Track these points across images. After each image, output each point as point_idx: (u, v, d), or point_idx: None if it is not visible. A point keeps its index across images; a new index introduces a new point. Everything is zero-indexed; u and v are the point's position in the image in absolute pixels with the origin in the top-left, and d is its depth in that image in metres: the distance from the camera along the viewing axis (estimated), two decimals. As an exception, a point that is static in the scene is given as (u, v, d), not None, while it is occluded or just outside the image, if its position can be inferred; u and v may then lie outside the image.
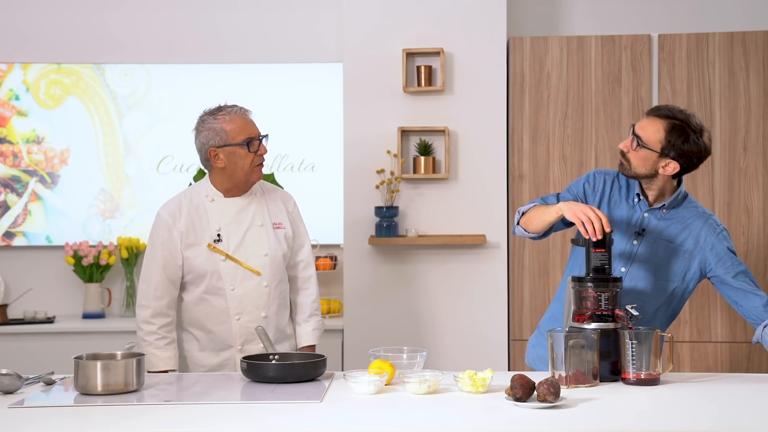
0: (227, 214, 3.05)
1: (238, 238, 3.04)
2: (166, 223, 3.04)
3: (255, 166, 3.02)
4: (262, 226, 3.08)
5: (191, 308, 3.05)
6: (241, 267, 3.02)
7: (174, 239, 3.01)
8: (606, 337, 2.61)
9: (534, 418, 2.19)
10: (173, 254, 3.01)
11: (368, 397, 2.44)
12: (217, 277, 3.01)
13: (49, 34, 4.94)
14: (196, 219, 3.04)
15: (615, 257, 2.79)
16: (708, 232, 2.83)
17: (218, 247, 3.01)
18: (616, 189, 2.91)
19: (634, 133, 2.79)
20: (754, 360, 4.29)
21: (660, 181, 2.82)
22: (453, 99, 4.45)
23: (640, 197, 2.86)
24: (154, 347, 2.99)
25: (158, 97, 4.92)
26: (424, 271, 4.47)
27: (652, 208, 2.85)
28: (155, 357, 2.98)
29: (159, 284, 3.01)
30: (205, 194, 3.08)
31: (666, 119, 2.77)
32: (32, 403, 2.39)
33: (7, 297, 4.85)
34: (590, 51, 4.41)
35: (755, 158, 4.33)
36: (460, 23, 4.46)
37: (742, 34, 4.36)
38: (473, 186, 4.45)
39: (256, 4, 4.95)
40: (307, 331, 3.18)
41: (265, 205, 3.12)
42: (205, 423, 2.18)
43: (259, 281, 3.04)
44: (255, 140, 3.00)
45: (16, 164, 4.90)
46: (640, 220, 2.85)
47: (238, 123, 3.00)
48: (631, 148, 2.79)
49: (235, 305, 3.01)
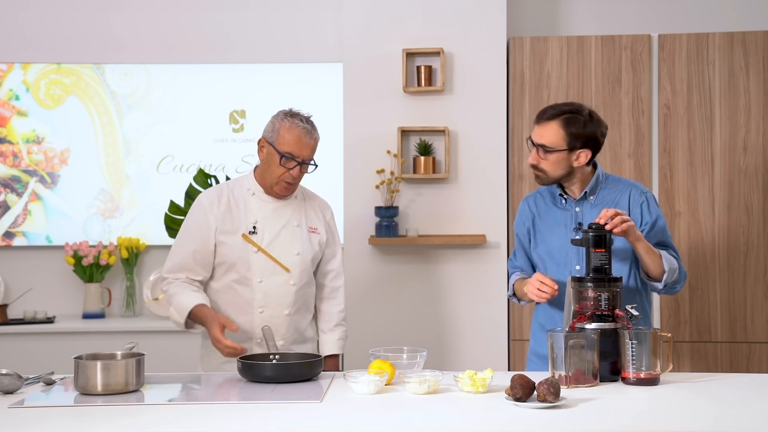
0: (265, 209, 3.08)
1: (272, 234, 3.06)
2: (203, 207, 3.07)
3: (283, 181, 3.03)
4: (298, 226, 3.11)
5: (217, 296, 3.07)
6: (272, 261, 3.04)
7: (209, 224, 3.04)
8: (606, 337, 2.61)
9: (534, 418, 2.20)
10: (206, 240, 3.03)
11: (368, 397, 2.44)
12: (246, 268, 3.03)
13: (49, 34, 4.94)
14: (234, 208, 3.07)
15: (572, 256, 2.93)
16: (635, 199, 2.97)
17: (251, 239, 3.03)
18: (541, 201, 3.08)
19: (536, 144, 2.92)
20: (754, 360, 4.29)
21: (578, 173, 2.96)
22: (453, 99, 4.46)
23: (563, 196, 3.00)
24: (182, 288, 2.99)
25: (158, 97, 4.92)
26: (424, 271, 4.47)
27: (578, 200, 2.98)
28: (185, 296, 2.97)
29: (183, 263, 3.03)
30: (247, 187, 3.11)
31: (556, 118, 2.91)
32: (32, 403, 2.39)
33: (7, 297, 4.85)
34: (590, 51, 4.41)
35: (755, 158, 4.33)
36: (460, 23, 4.46)
37: (742, 34, 4.36)
38: (473, 186, 4.45)
39: (255, 5, 4.94)
40: (332, 340, 3.20)
41: (304, 209, 3.16)
42: (205, 423, 2.19)
43: (287, 278, 3.06)
44: (292, 159, 2.99)
45: (16, 164, 4.90)
46: (573, 216, 2.98)
47: (293, 135, 3.00)
48: (540, 159, 2.93)
49: (260, 298, 3.03)
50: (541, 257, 3.02)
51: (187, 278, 3.04)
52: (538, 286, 2.82)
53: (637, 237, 2.80)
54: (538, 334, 3.03)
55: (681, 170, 4.35)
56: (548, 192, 3.07)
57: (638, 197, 2.98)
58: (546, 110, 2.94)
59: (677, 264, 2.90)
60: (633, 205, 2.96)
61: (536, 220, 3.06)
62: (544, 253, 3.01)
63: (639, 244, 2.82)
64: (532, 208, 3.08)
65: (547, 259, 3.00)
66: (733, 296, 4.32)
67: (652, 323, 4.29)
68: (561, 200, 3.02)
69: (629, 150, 4.35)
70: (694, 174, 4.35)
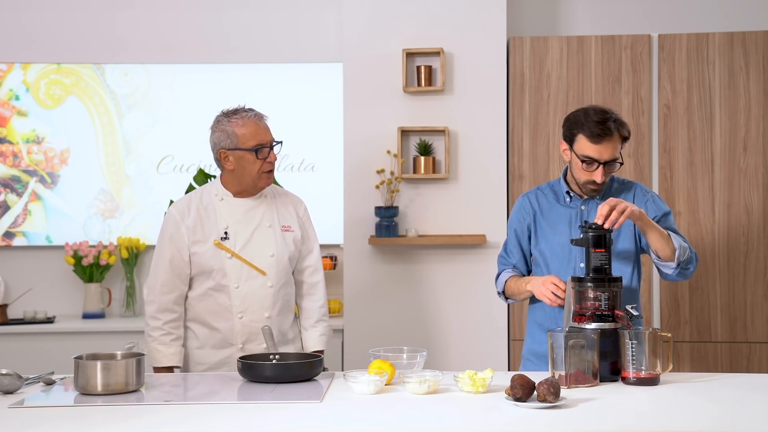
0: (236, 213, 3.07)
1: (245, 238, 3.05)
2: (174, 220, 3.06)
3: (263, 172, 3.03)
4: (270, 227, 3.09)
5: (195, 304, 3.06)
6: (247, 266, 3.03)
7: (182, 235, 3.03)
8: (606, 337, 2.61)
9: (534, 418, 2.20)
10: (180, 250, 3.03)
11: (368, 397, 2.44)
12: (222, 275, 3.02)
13: (49, 34, 4.94)
14: (204, 216, 3.06)
15: (575, 254, 2.93)
16: (639, 198, 2.99)
17: (224, 245, 3.02)
18: (543, 198, 3.07)
19: (605, 162, 2.87)
20: (754, 360, 4.29)
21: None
22: (453, 99, 4.46)
23: (570, 195, 3.00)
24: (159, 342, 3.00)
25: (158, 97, 4.92)
26: (424, 271, 4.47)
27: (586, 200, 2.98)
28: (159, 353, 2.99)
29: (166, 280, 3.03)
30: (215, 193, 3.10)
31: (616, 130, 2.86)
32: (32, 403, 2.39)
33: (7, 297, 4.84)
34: (590, 51, 4.41)
35: (755, 158, 4.33)
36: (460, 23, 4.46)
37: (742, 34, 4.36)
38: (473, 186, 4.45)
39: (255, 5, 4.95)
40: (314, 337, 3.18)
41: (275, 207, 3.13)
42: (205, 423, 2.19)
43: (264, 281, 3.04)
44: (265, 147, 3.00)
45: (16, 164, 4.90)
46: (579, 214, 2.98)
47: (250, 128, 3.00)
48: (609, 174, 2.92)
49: (239, 303, 3.02)
50: (542, 254, 3.02)
51: (167, 324, 3.01)
52: (553, 289, 2.81)
53: (640, 217, 2.77)
54: (536, 333, 3.02)
55: (681, 170, 4.35)
56: (550, 189, 3.07)
57: (642, 196, 3.00)
58: (603, 126, 2.85)
59: (687, 244, 2.89)
60: (638, 203, 2.96)
61: (538, 217, 3.05)
62: (546, 250, 3.01)
63: (645, 225, 2.80)
64: (534, 205, 3.07)
65: (549, 256, 3.00)
66: (733, 296, 4.32)
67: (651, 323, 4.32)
68: (565, 198, 3.02)
69: (629, 150, 4.35)
70: (694, 174, 4.35)
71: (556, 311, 2.94)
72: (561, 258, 2.97)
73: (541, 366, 2.91)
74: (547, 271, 2.98)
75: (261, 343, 3.00)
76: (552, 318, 2.97)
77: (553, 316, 2.97)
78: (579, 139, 2.88)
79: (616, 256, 2.92)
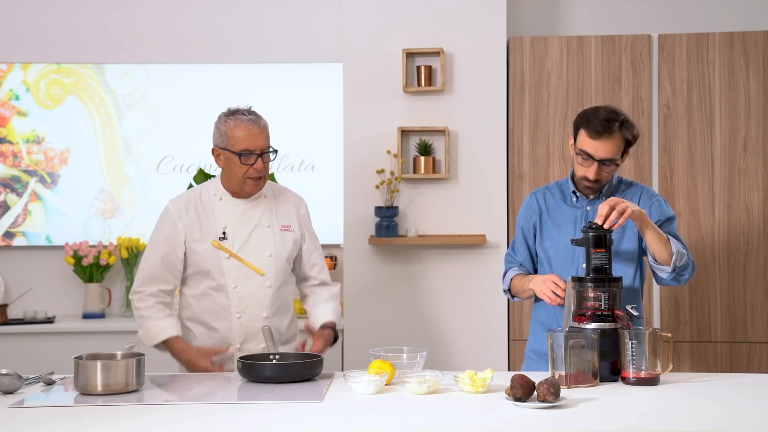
0: (234, 213, 3.07)
1: (243, 238, 3.05)
2: (171, 217, 3.06)
3: (248, 178, 3.01)
4: (269, 227, 3.09)
5: (194, 304, 3.06)
6: (245, 265, 3.03)
7: (178, 232, 3.03)
8: (606, 337, 2.61)
9: (534, 418, 2.20)
10: (174, 247, 3.03)
11: (368, 397, 2.44)
12: (220, 274, 3.02)
13: (49, 34, 4.94)
14: (203, 216, 3.06)
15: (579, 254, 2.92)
16: (644, 201, 2.99)
17: (222, 245, 3.02)
18: (550, 197, 3.08)
19: (600, 160, 2.87)
20: (754, 360, 4.29)
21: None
22: (453, 99, 4.46)
23: (576, 195, 3.01)
24: (152, 319, 2.99)
25: (158, 97, 4.92)
26: (424, 271, 4.47)
27: (592, 200, 2.99)
28: (156, 327, 2.98)
29: (153, 272, 3.03)
30: (213, 192, 3.10)
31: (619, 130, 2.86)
32: (32, 403, 2.39)
33: (7, 297, 4.85)
34: (590, 51, 4.41)
35: (755, 158, 4.33)
36: (460, 23, 4.46)
37: (742, 34, 4.36)
38: (473, 186, 4.45)
39: (256, 4, 4.95)
40: (326, 310, 3.14)
41: (275, 207, 3.13)
42: (205, 423, 2.19)
43: (262, 281, 3.04)
44: (252, 154, 2.98)
45: (16, 164, 4.90)
46: (584, 214, 2.99)
47: (241, 132, 2.99)
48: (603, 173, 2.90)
49: (237, 303, 3.02)
50: (546, 253, 3.02)
51: (159, 291, 3.02)
52: (553, 288, 2.81)
53: (640, 218, 2.77)
54: (539, 332, 3.03)
55: (681, 170, 4.35)
56: (558, 188, 3.08)
57: (648, 199, 3.00)
58: (605, 124, 2.85)
59: (686, 251, 2.89)
60: (643, 206, 2.95)
61: (544, 216, 3.05)
62: (550, 249, 3.01)
63: (644, 225, 2.80)
64: (541, 204, 3.07)
65: (553, 255, 3.00)
66: (733, 296, 4.32)
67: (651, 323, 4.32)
68: (572, 198, 3.02)
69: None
70: (694, 174, 4.35)
71: (558, 310, 2.94)
72: (564, 258, 2.97)
73: (544, 365, 2.91)
74: (550, 270, 2.99)
75: (259, 343, 3.00)
76: (555, 317, 2.97)
77: (556, 316, 2.97)
78: (581, 134, 2.90)
79: (620, 256, 2.92)
